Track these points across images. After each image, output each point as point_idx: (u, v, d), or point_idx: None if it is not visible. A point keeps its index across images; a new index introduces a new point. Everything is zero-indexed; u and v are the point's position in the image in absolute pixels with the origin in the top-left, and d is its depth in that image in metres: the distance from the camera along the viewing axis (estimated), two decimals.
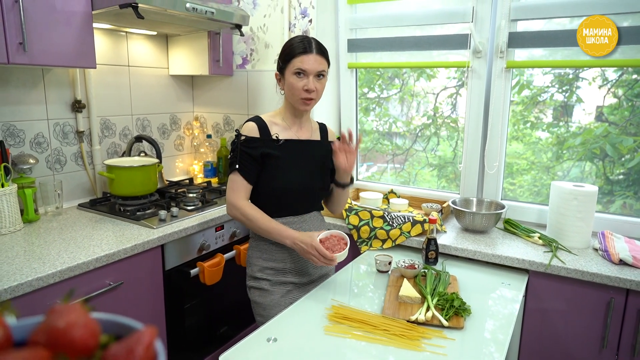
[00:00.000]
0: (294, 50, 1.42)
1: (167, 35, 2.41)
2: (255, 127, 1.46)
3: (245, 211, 1.44)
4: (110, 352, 0.29)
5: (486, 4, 1.92)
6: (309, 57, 1.41)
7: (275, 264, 1.51)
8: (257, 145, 1.44)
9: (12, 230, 1.62)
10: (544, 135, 2.05)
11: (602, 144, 1.93)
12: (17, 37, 1.48)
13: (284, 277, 1.52)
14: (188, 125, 2.64)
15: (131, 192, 1.93)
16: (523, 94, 2.04)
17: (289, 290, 1.52)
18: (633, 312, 1.48)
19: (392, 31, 2.20)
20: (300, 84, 1.41)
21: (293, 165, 1.47)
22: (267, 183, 1.46)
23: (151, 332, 0.30)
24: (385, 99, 2.43)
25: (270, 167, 1.46)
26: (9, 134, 1.80)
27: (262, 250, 1.52)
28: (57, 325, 0.29)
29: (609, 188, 1.95)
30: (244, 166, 1.44)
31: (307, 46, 1.41)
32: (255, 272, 1.52)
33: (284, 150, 1.47)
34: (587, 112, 1.96)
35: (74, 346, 0.29)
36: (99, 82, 2.11)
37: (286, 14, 2.23)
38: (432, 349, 1.13)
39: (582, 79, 1.94)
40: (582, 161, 2.00)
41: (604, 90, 1.90)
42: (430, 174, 2.39)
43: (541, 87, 2.01)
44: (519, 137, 2.12)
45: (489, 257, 1.68)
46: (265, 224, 1.43)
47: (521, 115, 2.08)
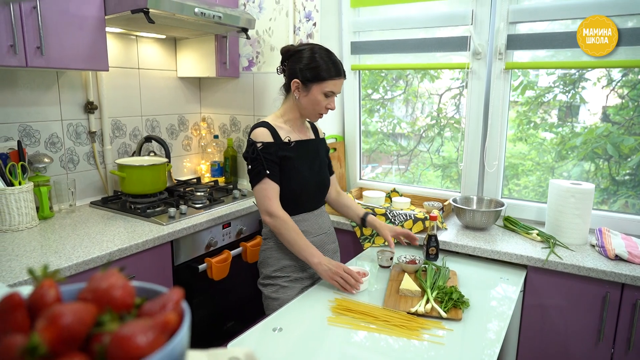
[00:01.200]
0: (329, 72, 1.46)
1: (175, 38, 2.48)
2: (267, 133, 1.49)
3: (287, 223, 1.46)
4: (145, 309, 0.35)
5: (485, 7, 1.97)
6: (340, 82, 1.50)
7: (292, 262, 1.55)
8: (275, 149, 1.48)
9: (28, 227, 1.69)
10: (550, 135, 2.09)
11: (603, 143, 1.96)
12: (35, 41, 1.55)
13: (302, 273, 1.56)
14: (195, 126, 2.71)
15: (141, 190, 2.00)
16: (527, 94, 2.08)
17: (306, 286, 1.57)
18: (628, 306, 1.53)
19: (394, 34, 2.25)
20: (325, 102, 1.50)
21: (305, 164, 1.54)
22: (285, 184, 1.51)
23: (178, 292, 0.35)
24: (390, 100, 2.48)
25: (287, 169, 1.51)
26: (25, 134, 1.87)
27: (279, 250, 1.55)
28: (100, 286, 0.35)
29: (614, 189, 1.96)
30: (273, 171, 1.47)
31: (340, 71, 1.49)
32: (272, 272, 1.56)
33: (295, 152, 1.53)
34: (592, 113, 1.98)
35: (114, 303, 0.34)
36: (110, 84, 2.18)
37: (291, 18, 2.29)
38: (431, 339, 1.18)
39: (586, 79, 1.96)
40: (586, 161, 2.02)
41: (609, 91, 1.92)
42: (434, 174, 2.43)
43: (545, 87, 2.04)
44: (523, 138, 2.15)
45: (488, 253, 1.72)
46: (300, 242, 1.45)
47: (525, 116, 2.11)
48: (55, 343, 0.30)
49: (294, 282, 1.55)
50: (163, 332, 0.31)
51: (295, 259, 1.55)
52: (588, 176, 2.03)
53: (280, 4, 2.32)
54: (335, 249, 1.71)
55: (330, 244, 1.68)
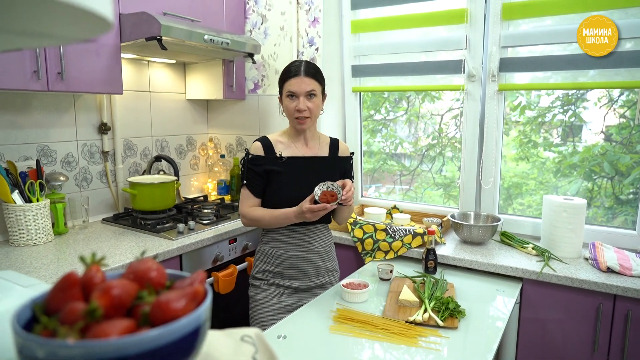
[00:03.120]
0: (285, 74, 1.60)
1: (185, 63, 2.61)
2: (260, 147, 1.63)
3: (251, 215, 1.62)
4: (176, 286, 0.43)
5: (478, 33, 2.09)
6: (297, 80, 1.57)
7: (274, 267, 1.66)
8: (262, 162, 1.61)
9: (44, 241, 1.78)
10: (552, 155, 2.13)
11: (599, 161, 2.01)
12: (56, 67, 1.67)
13: (281, 281, 1.66)
14: (203, 146, 2.82)
15: (151, 207, 2.09)
16: (529, 114, 2.14)
17: (283, 292, 1.66)
18: (621, 317, 1.58)
19: (393, 57, 2.37)
20: (292, 105, 1.58)
21: (295, 180, 1.62)
22: (271, 196, 1.63)
23: (202, 273, 0.43)
24: (392, 121, 2.58)
25: (274, 182, 1.62)
26: (43, 153, 1.98)
27: (266, 255, 1.68)
28: (139, 269, 0.43)
29: (620, 208, 1.99)
30: (251, 181, 1.63)
31: (297, 70, 1.58)
32: (256, 273, 1.70)
33: (287, 167, 1.62)
34: (594, 132, 2.02)
35: (151, 282, 0.42)
36: (123, 106, 2.29)
37: (294, 43, 2.42)
38: (428, 345, 1.24)
39: (586, 99, 1.99)
40: (589, 181, 2.05)
41: (610, 111, 1.96)
42: (437, 193, 2.48)
43: (544, 107, 2.10)
44: (525, 157, 2.19)
45: (485, 266, 1.78)
46: (272, 216, 1.59)
47: (524, 135, 2.18)
48: (107, 308, 0.37)
49: (270, 286, 1.67)
50: (193, 300, 0.38)
51: (278, 266, 1.66)
52: (592, 195, 2.06)
53: (285, 30, 2.45)
54: (332, 268, 1.74)
55: (322, 261, 1.71)
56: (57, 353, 0.33)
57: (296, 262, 1.65)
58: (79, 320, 0.36)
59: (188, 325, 0.37)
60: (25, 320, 0.39)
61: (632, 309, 1.55)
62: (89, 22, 0.34)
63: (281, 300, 1.64)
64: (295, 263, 1.65)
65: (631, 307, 1.55)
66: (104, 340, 0.34)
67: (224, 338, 0.51)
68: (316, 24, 2.35)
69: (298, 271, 1.66)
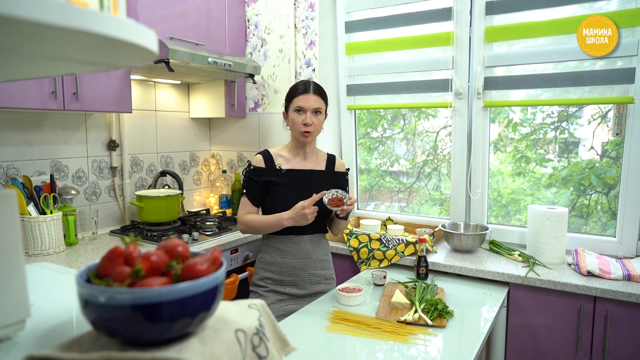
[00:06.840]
0: (294, 91, 1.74)
1: (189, 83, 2.75)
2: (261, 159, 1.76)
3: (246, 220, 1.73)
4: (196, 259, 0.54)
5: (464, 54, 2.24)
6: (306, 97, 1.71)
7: (273, 275, 1.75)
8: (262, 173, 1.73)
9: (57, 251, 1.88)
10: (548, 171, 2.23)
11: (586, 175, 2.10)
12: (72, 88, 1.80)
13: (280, 288, 1.75)
14: (205, 162, 2.94)
15: (157, 219, 2.20)
16: (523, 131, 2.25)
17: (281, 299, 1.75)
18: (601, 318, 1.68)
19: (385, 77, 2.52)
20: (299, 119, 1.71)
21: (294, 192, 1.73)
22: (270, 206, 1.74)
23: (218, 248, 0.55)
24: (389, 138, 2.71)
25: (273, 193, 1.74)
26: (56, 169, 2.10)
27: (266, 263, 1.78)
28: (168, 245, 0.55)
29: (614, 222, 2.03)
30: (250, 190, 1.75)
31: (306, 88, 1.72)
32: (256, 281, 1.79)
33: (286, 178, 1.74)
34: (588, 148, 2.11)
35: (179, 254, 0.54)
36: (130, 124, 2.43)
37: (292, 64, 2.57)
38: (418, 342, 1.34)
39: (578, 116, 2.08)
40: (584, 196, 2.13)
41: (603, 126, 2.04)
42: (435, 210, 2.58)
43: (537, 124, 2.22)
44: (522, 173, 2.29)
45: (473, 272, 1.89)
46: (266, 222, 1.70)
47: (517, 151, 2.28)
48: (148, 270, 0.49)
49: (270, 293, 1.75)
50: (213, 264, 0.50)
51: (277, 273, 1.74)
52: (589, 210, 2.14)
53: (283, 52, 2.60)
54: (329, 276, 1.84)
55: (319, 270, 1.79)
56: (115, 297, 0.44)
57: (295, 270, 1.75)
58: (127, 278, 0.47)
59: (210, 282, 0.48)
60: (84, 281, 0.50)
61: (611, 310, 1.65)
62: (140, 53, 0.46)
63: (280, 307, 1.74)
64: (293, 271, 1.75)
65: (610, 308, 1.65)
66: (148, 288, 0.45)
67: (234, 306, 0.62)
68: (313, 46, 2.50)
69: (296, 279, 1.76)
